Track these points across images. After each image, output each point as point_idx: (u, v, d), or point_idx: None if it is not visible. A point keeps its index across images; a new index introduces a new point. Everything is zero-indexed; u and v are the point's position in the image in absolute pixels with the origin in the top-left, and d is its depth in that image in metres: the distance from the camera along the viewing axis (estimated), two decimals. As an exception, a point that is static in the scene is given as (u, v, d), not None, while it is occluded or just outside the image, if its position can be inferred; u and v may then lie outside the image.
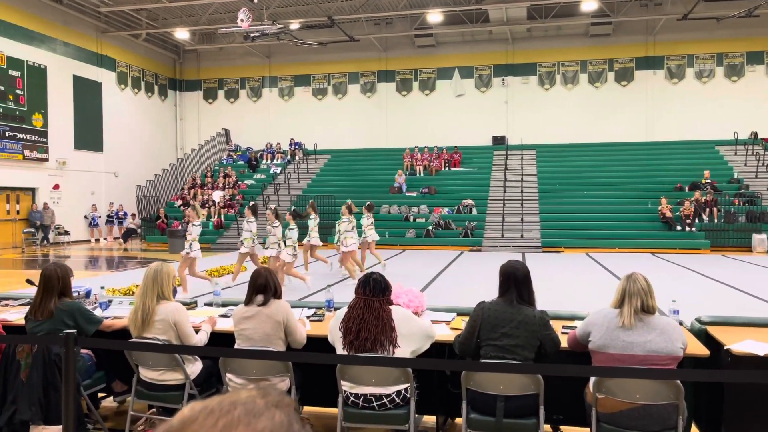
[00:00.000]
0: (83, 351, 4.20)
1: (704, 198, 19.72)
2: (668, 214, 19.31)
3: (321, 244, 13.02)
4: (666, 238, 18.81)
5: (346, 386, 3.56)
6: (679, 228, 19.03)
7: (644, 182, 22.12)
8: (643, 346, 3.22)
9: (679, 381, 3.10)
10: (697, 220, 19.19)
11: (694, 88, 25.23)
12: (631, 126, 25.52)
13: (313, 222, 12.52)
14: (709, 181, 20.98)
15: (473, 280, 12.12)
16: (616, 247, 18.33)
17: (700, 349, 3.57)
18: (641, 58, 25.61)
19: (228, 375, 3.74)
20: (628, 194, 21.51)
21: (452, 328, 4.16)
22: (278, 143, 27.88)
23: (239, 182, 25.27)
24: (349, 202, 13.17)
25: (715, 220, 19.23)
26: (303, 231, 12.21)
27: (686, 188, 21.13)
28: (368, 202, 13.96)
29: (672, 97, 25.34)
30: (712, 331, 3.90)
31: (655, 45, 25.42)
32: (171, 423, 0.63)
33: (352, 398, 3.55)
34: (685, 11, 22.49)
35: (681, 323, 4.03)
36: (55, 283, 3.95)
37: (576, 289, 10.83)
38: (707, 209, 19.46)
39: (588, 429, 3.41)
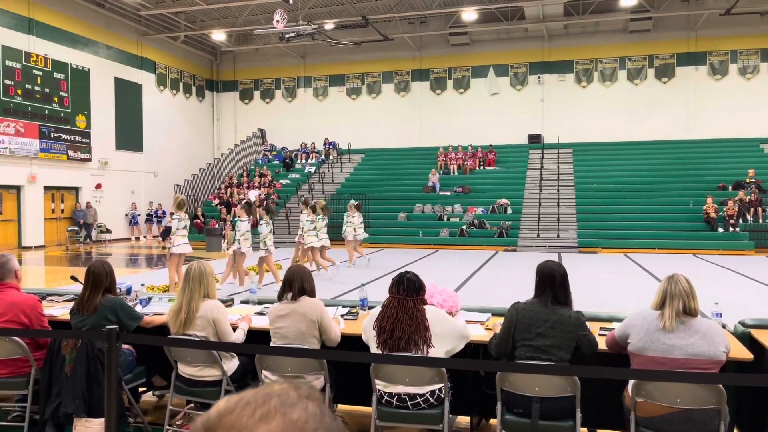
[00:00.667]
0: (124, 346, 4.31)
1: (748, 197, 19.12)
2: (712, 214, 18.79)
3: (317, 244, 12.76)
4: (708, 238, 18.31)
5: (380, 385, 3.57)
6: (721, 228, 18.50)
7: (685, 181, 21.58)
8: (685, 350, 3.14)
9: (721, 385, 3.02)
10: (740, 221, 18.63)
11: (737, 84, 24.48)
12: (671, 123, 24.91)
13: (309, 223, 12.57)
14: (753, 180, 20.33)
15: (508, 280, 12.01)
16: (656, 248, 17.92)
17: (743, 353, 3.47)
18: (682, 54, 24.98)
19: (264, 372, 3.79)
20: (669, 193, 21.01)
21: (487, 329, 4.13)
22: (312, 143, 28.12)
23: (274, 182, 25.57)
24: (351, 202, 13.85)
25: (760, 221, 18.63)
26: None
27: (730, 187, 20.53)
28: (357, 202, 14.78)
29: (715, 93, 24.64)
30: (756, 334, 3.78)
31: (697, 40, 24.75)
32: (208, 415, 0.65)
33: (386, 397, 3.56)
34: (728, 6, 21.86)
35: (724, 326, 3.92)
36: (102, 279, 4.06)
37: (614, 291, 10.64)
38: (751, 209, 18.87)
39: (626, 433, 3.34)
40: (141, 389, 4.80)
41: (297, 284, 3.91)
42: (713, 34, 24.44)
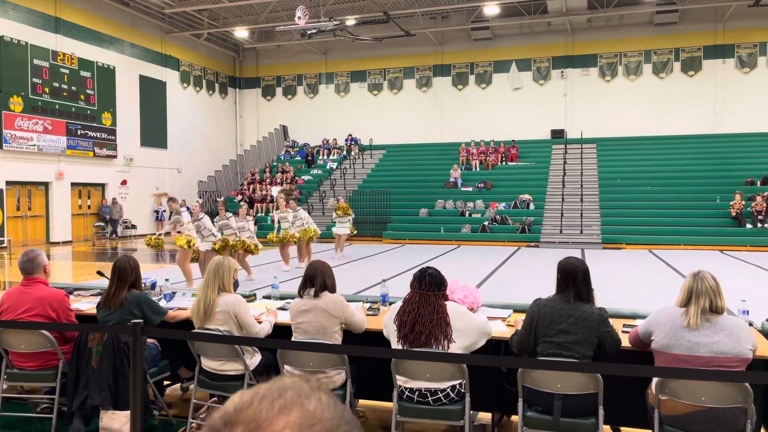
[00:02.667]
0: (149, 340, 4.38)
1: (778, 193, 18.70)
2: (732, 212, 18.44)
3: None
4: (735, 234, 17.97)
5: (400, 380, 3.57)
6: (749, 225, 18.14)
7: (712, 176, 21.18)
8: (710, 347, 3.09)
9: (747, 384, 2.97)
10: (769, 216, 18.23)
11: (766, 77, 23.93)
12: (698, 118, 24.46)
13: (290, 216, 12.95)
14: (783, 174, 19.88)
15: (530, 276, 11.93)
16: (681, 244, 17.63)
17: (771, 352, 3.40)
18: (709, 47, 24.49)
19: (285, 366, 3.82)
20: (695, 189, 20.64)
21: (508, 325, 4.12)
22: (334, 139, 28.20)
23: (297, 178, 25.70)
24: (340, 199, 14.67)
25: (790, 216, 18.20)
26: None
27: (758, 183, 20.10)
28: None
29: (743, 87, 24.11)
30: (785, 332, 3.70)
31: (725, 33, 24.24)
32: (225, 410, 0.66)
33: (407, 393, 3.57)
34: (757, -4, 21.36)
35: (751, 324, 3.85)
36: (128, 275, 4.14)
37: (638, 287, 10.50)
38: (781, 205, 18.44)
39: (650, 431, 3.31)
40: (166, 382, 4.87)
41: (319, 280, 3.93)
42: (741, 26, 23.90)
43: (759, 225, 18.02)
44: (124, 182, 23.26)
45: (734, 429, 3.03)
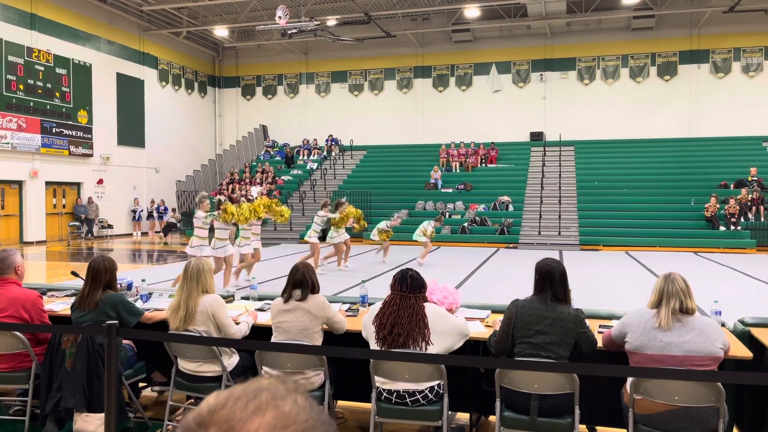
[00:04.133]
0: (125, 342, 4.33)
1: (750, 196, 19.10)
2: (707, 214, 18.79)
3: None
4: (709, 236, 18.30)
5: (379, 381, 3.57)
6: (723, 227, 18.48)
7: (687, 179, 21.55)
8: (682, 347, 3.14)
9: (720, 383, 3.02)
10: (742, 219, 18.61)
11: (740, 82, 24.42)
12: (673, 122, 24.87)
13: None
14: (755, 178, 20.30)
15: (509, 277, 12.01)
16: (657, 246, 17.91)
17: (742, 351, 3.47)
18: (685, 52, 24.92)
19: (264, 368, 3.80)
20: (670, 191, 20.99)
21: (487, 326, 4.14)
22: (315, 139, 28.12)
23: (276, 178, 25.58)
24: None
25: (762, 219, 18.61)
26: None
27: (732, 186, 20.50)
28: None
29: (717, 91, 24.58)
30: (756, 333, 3.78)
31: (700, 38, 24.68)
32: (199, 411, 0.65)
33: (385, 394, 3.57)
34: (731, 3, 21.79)
35: (723, 324, 3.93)
36: (102, 275, 4.07)
37: (615, 288, 10.63)
38: (753, 207, 18.84)
39: (625, 430, 3.35)
40: (141, 384, 4.81)
41: (307, 284, 3.91)
42: (716, 31, 24.37)
43: (732, 227, 18.37)
44: (100, 181, 22.93)
45: (707, 428, 3.09)
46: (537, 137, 25.93)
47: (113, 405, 3.14)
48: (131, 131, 24.46)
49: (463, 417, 4.37)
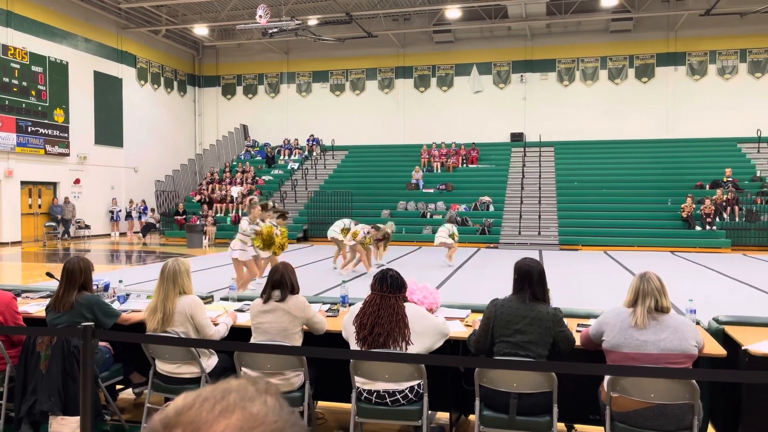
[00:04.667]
0: (101, 343, 4.27)
1: (725, 196, 19.43)
2: (683, 214, 19.09)
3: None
4: (686, 236, 18.59)
5: (359, 382, 3.57)
6: (699, 227, 18.78)
7: (664, 180, 21.86)
8: (657, 345, 3.19)
9: (694, 381, 3.07)
10: (718, 219, 18.93)
11: (716, 84, 24.84)
12: (651, 123, 25.21)
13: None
14: (730, 179, 20.67)
15: (489, 277, 12.08)
16: (635, 245, 18.14)
17: (717, 349, 3.53)
18: (662, 54, 25.28)
19: (243, 369, 3.78)
20: (648, 192, 21.27)
21: (466, 325, 4.16)
22: (296, 139, 28.00)
23: (257, 178, 25.43)
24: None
25: (737, 219, 18.95)
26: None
27: (707, 186, 20.84)
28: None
29: (694, 93, 24.97)
30: (730, 331, 3.85)
31: (677, 41, 25.06)
32: (166, 413, 0.65)
33: (365, 394, 3.57)
34: (707, 6, 22.15)
35: (698, 323, 3.99)
36: (77, 276, 4.02)
37: (593, 287, 10.75)
38: (728, 208, 19.17)
39: (602, 428, 3.39)
40: (119, 387, 4.76)
41: (287, 284, 3.90)
42: (693, 34, 24.75)
43: (707, 227, 18.68)
44: (77, 181, 22.59)
45: (682, 425, 3.14)
46: (517, 138, 26.11)
47: (89, 408, 3.10)
48: (109, 130, 24.14)
49: (443, 416, 4.39)
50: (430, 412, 3.72)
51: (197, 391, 0.67)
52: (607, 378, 3.30)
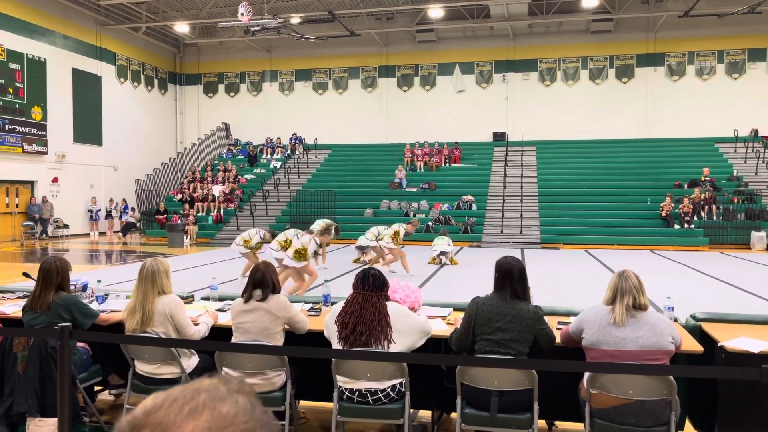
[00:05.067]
0: (79, 344, 4.22)
1: (703, 195, 19.72)
2: (663, 213, 19.35)
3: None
4: (665, 235, 18.83)
5: (341, 381, 3.57)
6: (677, 225, 19.04)
7: (644, 179, 22.12)
8: (635, 342, 3.23)
9: (672, 377, 3.11)
10: (695, 218, 19.20)
11: (694, 85, 25.19)
12: (631, 123, 25.49)
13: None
14: (708, 178, 20.98)
15: (472, 275, 12.13)
16: (615, 244, 18.33)
17: (694, 346, 3.58)
18: (642, 55, 25.57)
19: (224, 369, 3.75)
20: (628, 191, 21.51)
21: (448, 323, 4.17)
22: (278, 138, 27.87)
23: (239, 177, 25.27)
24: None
25: (714, 218, 19.23)
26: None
27: (685, 185, 21.13)
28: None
29: (672, 94, 25.30)
30: (707, 327, 3.90)
31: (656, 42, 25.37)
32: (135, 414, 0.64)
33: (347, 393, 3.57)
34: (686, 8, 22.44)
35: (676, 320, 4.04)
36: (54, 276, 3.96)
37: (574, 285, 10.85)
38: (706, 206, 19.46)
39: (582, 424, 3.42)
40: (97, 388, 4.70)
41: (268, 284, 3.87)
42: (671, 35, 25.08)
43: (686, 226, 18.94)
44: (55, 180, 22.26)
45: (660, 420, 3.18)
46: (500, 137, 26.24)
47: (66, 409, 3.06)
48: (88, 128, 23.82)
49: (425, 414, 4.40)
50: (412, 410, 3.73)
51: (167, 392, 0.66)
52: (586, 375, 3.33)
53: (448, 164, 25.01)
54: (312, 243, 9.01)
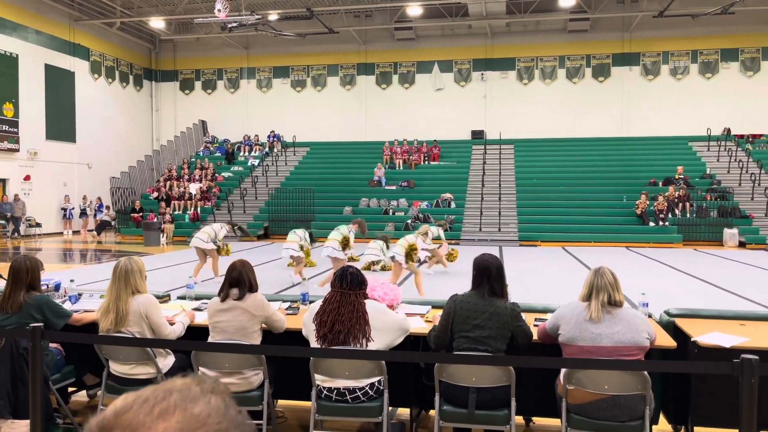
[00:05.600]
0: (52, 345, 4.14)
1: (677, 193, 20.04)
2: (637, 211, 19.64)
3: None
4: (640, 232, 19.11)
5: (319, 379, 3.56)
6: (652, 223, 19.33)
7: (619, 177, 22.42)
8: (611, 338, 3.27)
9: (646, 372, 3.16)
10: (670, 215, 19.51)
11: (668, 84, 25.58)
12: (607, 121, 25.81)
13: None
14: (682, 176, 21.33)
15: (450, 273, 12.18)
16: (592, 241, 18.56)
17: (667, 341, 3.63)
18: (618, 55, 25.89)
19: (201, 369, 3.71)
20: (604, 189, 21.78)
21: (427, 321, 4.18)
22: (256, 135, 27.67)
23: (216, 174, 25.04)
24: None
25: (688, 215, 19.57)
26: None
27: (660, 183, 21.46)
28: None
29: (647, 93, 25.67)
30: (680, 323, 3.97)
31: (631, 42, 25.71)
32: (104, 415, 0.62)
33: (325, 392, 3.56)
34: (660, 8, 22.77)
35: (650, 315, 4.10)
36: (23, 276, 3.89)
37: (551, 282, 10.95)
38: (680, 204, 19.78)
39: (559, 420, 3.46)
40: (71, 389, 4.62)
41: (245, 283, 3.84)
42: (647, 35, 25.43)
43: (660, 223, 19.24)
44: (27, 177, 21.83)
45: (635, 415, 3.22)
46: (478, 135, 26.38)
47: (39, 411, 3.00)
48: (61, 125, 23.39)
49: (404, 412, 4.41)
50: (390, 408, 3.73)
51: (139, 392, 0.64)
52: (563, 371, 3.36)
53: (427, 162, 25.07)
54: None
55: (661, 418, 4.04)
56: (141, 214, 21.94)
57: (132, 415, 0.60)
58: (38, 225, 21.78)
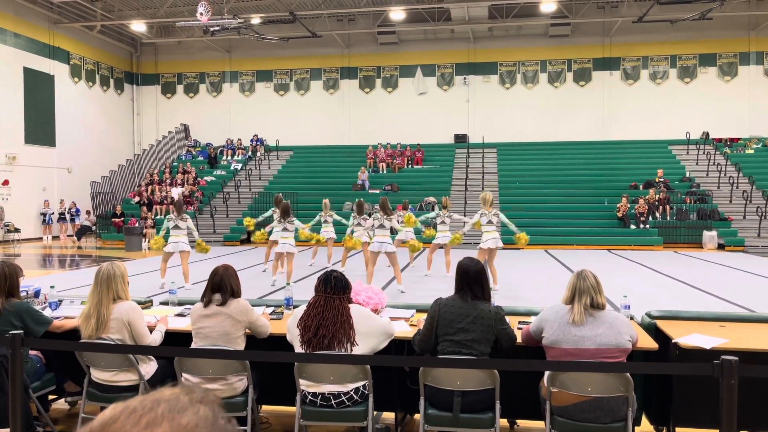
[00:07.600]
0: (32, 352, 4.08)
1: (657, 196, 20.29)
2: (619, 214, 19.84)
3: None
4: (621, 235, 19.30)
5: (304, 385, 3.54)
6: (633, 225, 19.55)
7: (601, 180, 22.65)
8: (594, 340, 3.31)
9: (628, 374, 3.19)
10: (650, 218, 19.75)
11: (648, 89, 25.93)
12: (588, 125, 26.08)
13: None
14: (662, 179, 21.60)
15: (434, 277, 12.21)
16: (574, 244, 18.71)
17: (649, 343, 3.67)
18: (598, 59, 26.19)
19: (184, 375, 3.68)
20: (586, 192, 21.98)
21: (411, 325, 4.19)
22: (239, 139, 27.53)
23: (199, 179, 24.86)
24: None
25: (668, 218, 19.82)
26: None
27: (641, 186, 21.72)
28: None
29: (627, 97, 25.99)
30: (662, 325, 4.02)
31: (612, 47, 26.02)
32: (91, 425, 0.62)
33: (310, 397, 3.54)
34: (640, 14, 23.07)
35: (632, 318, 4.15)
36: (2, 282, 3.83)
37: (534, 285, 11.03)
38: (660, 207, 20.03)
39: (543, 422, 3.48)
40: (51, 397, 4.55)
41: (227, 288, 3.81)
42: (627, 40, 25.76)
43: (641, 226, 19.46)
44: (5, 182, 21.48)
45: (617, 416, 3.26)
46: (461, 139, 26.50)
47: (19, 420, 2.96)
48: (40, 129, 23.07)
49: (389, 416, 4.40)
50: (375, 412, 3.73)
51: (127, 402, 0.64)
52: (546, 374, 3.39)
53: (410, 166, 25.13)
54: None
55: (644, 419, 4.08)
56: (122, 218, 21.70)
57: (119, 426, 0.60)
58: (17, 230, 21.44)
